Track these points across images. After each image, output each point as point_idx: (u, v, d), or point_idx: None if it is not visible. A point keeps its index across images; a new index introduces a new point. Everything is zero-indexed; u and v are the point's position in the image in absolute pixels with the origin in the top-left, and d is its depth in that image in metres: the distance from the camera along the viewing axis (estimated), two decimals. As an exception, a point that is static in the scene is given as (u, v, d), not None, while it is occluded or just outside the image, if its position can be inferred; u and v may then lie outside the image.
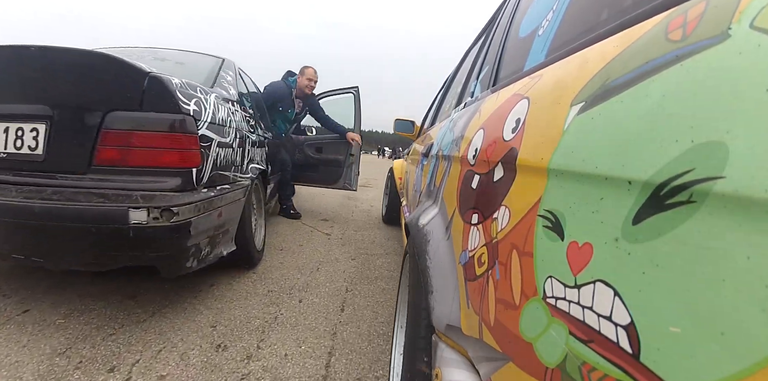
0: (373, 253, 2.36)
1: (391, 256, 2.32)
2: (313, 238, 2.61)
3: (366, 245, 2.55)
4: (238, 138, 1.57)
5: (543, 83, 0.46)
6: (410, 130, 2.89)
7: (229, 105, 1.57)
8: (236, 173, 1.53)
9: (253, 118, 2.01)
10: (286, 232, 2.71)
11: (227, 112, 1.49)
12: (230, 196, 1.42)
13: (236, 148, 1.54)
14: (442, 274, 0.63)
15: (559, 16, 0.56)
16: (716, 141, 0.20)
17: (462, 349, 0.52)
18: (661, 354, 0.22)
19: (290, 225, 2.94)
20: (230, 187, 1.43)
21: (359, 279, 1.89)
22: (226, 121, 1.44)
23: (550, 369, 0.31)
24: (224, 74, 1.87)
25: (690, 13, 0.26)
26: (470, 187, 0.60)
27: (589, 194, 0.30)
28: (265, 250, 2.16)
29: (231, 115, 1.53)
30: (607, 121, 0.30)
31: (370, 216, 3.71)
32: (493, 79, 0.83)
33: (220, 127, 1.37)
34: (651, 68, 0.27)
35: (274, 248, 2.29)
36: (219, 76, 1.79)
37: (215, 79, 1.73)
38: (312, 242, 2.49)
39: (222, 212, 1.34)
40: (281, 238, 2.53)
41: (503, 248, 0.43)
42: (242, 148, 1.64)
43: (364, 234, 2.87)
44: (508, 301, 0.40)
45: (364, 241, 2.67)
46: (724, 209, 0.19)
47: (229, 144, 1.44)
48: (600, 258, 0.27)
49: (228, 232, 1.48)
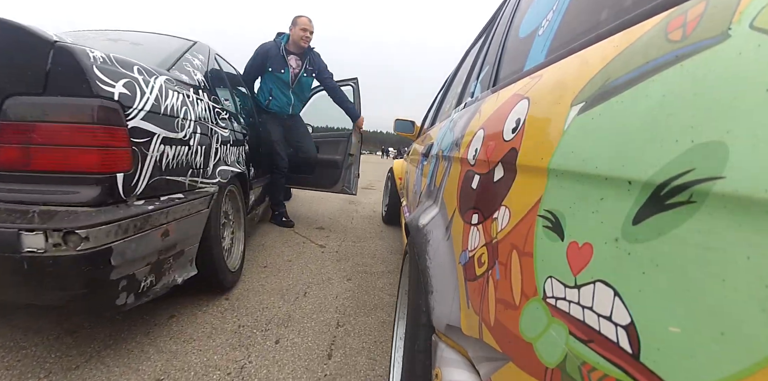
0: (373, 271, 2.00)
1: (394, 275, 1.98)
2: (304, 251, 2.26)
3: (365, 260, 2.19)
4: (198, 133, 1.24)
5: (543, 83, 0.46)
6: (410, 130, 2.88)
7: (189, 92, 1.26)
8: (195, 178, 1.23)
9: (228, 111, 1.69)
10: (275, 243, 2.36)
11: (183, 100, 1.17)
12: (184, 209, 1.12)
13: (195, 145, 1.21)
14: (442, 274, 0.63)
15: (559, 16, 0.56)
16: (716, 141, 0.20)
17: (462, 349, 0.52)
18: (661, 354, 0.22)
19: (281, 234, 2.57)
20: (184, 197, 1.13)
21: (354, 308, 1.54)
22: (178, 111, 1.11)
23: (550, 369, 0.31)
24: (190, 57, 1.55)
25: (690, 13, 0.26)
26: (470, 188, 0.60)
27: (589, 194, 0.30)
28: (246, 268, 1.84)
29: (189, 105, 1.20)
30: (607, 122, 0.30)
31: (372, 223, 3.30)
32: (493, 79, 0.83)
33: (169, 118, 1.06)
34: (651, 68, 0.27)
35: (256, 265, 1.93)
36: (182, 58, 1.48)
37: (176, 62, 1.41)
38: (303, 257, 2.15)
39: (170, 230, 1.05)
40: (267, 252, 2.17)
41: (503, 248, 0.43)
42: (205, 146, 1.31)
43: (364, 246, 2.49)
44: (508, 301, 0.40)
45: (364, 254, 2.29)
46: (724, 209, 0.19)
47: (182, 140, 1.12)
48: (600, 258, 0.27)
49: (183, 255, 1.17)
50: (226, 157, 1.56)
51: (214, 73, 1.77)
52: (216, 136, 1.44)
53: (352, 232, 2.86)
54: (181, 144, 1.12)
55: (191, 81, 1.39)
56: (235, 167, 1.64)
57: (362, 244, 2.53)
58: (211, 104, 1.47)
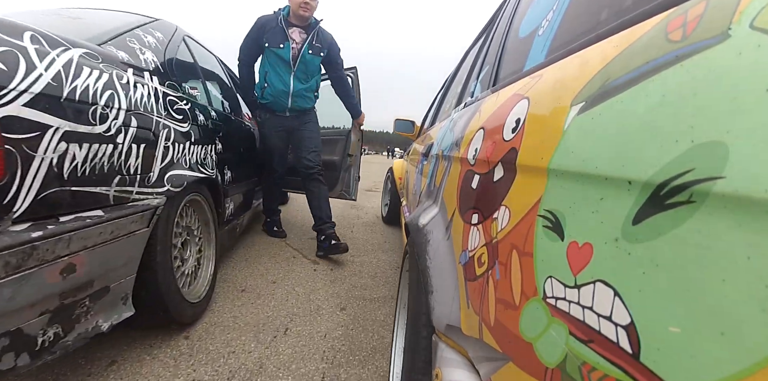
0: (372, 297, 1.63)
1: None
2: (293, 268, 1.90)
3: (364, 281, 1.81)
4: (133, 127, 0.94)
5: (543, 83, 0.46)
6: (410, 130, 2.88)
7: (126, 73, 0.97)
8: (127, 188, 0.92)
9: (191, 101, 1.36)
10: (260, 258, 2.02)
11: (109, 82, 0.89)
12: (104, 232, 0.84)
13: (126, 143, 0.91)
14: (442, 274, 0.63)
15: (559, 16, 0.56)
16: (716, 141, 0.20)
17: (462, 349, 0.52)
18: (661, 354, 0.22)
19: (269, 247, 2.22)
20: (105, 215, 0.84)
21: (347, 353, 1.19)
22: (97, 97, 0.83)
23: (550, 369, 0.31)
24: (141, 33, 1.24)
25: (690, 13, 0.26)
26: (470, 187, 0.60)
27: (589, 194, 0.30)
28: (219, 291, 1.54)
29: (118, 89, 0.91)
30: (607, 121, 0.30)
31: (374, 231, 2.89)
32: (493, 79, 0.83)
33: (78, 105, 0.78)
34: (651, 68, 0.27)
35: (233, 288, 1.60)
36: (129, 34, 1.18)
37: (116, 37, 1.11)
38: (291, 277, 1.78)
39: (78, 263, 0.78)
40: (250, 269, 1.82)
41: (503, 248, 0.43)
42: (146, 145, 0.99)
43: (364, 261, 2.12)
44: (508, 301, 0.40)
45: (363, 273, 1.93)
46: (724, 209, 0.19)
47: (103, 136, 0.84)
48: (600, 258, 0.27)
49: (108, 293, 0.89)
50: (184, 158, 1.21)
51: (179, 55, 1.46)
52: (166, 132, 1.10)
53: (351, 244, 2.42)
54: (100, 141, 0.83)
55: (134, 61, 1.08)
56: (198, 171, 1.29)
57: (362, 259, 2.15)
58: (163, 91, 1.14)
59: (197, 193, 1.34)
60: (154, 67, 1.19)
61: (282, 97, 2.02)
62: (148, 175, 1.01)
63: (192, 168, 1.26)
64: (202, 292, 1.37)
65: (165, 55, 1.34)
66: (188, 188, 1.22)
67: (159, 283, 1.05)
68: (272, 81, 2.00)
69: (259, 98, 2.09)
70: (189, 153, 1.26)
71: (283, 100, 2.03)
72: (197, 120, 1.37)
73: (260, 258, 2.03)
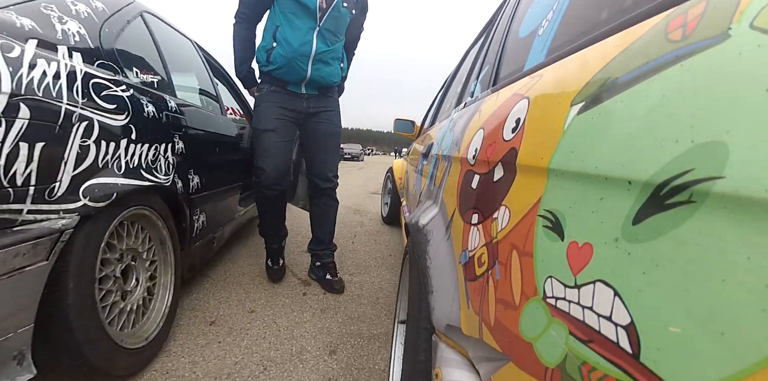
0: (371, 333, 1.30)
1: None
2: (279, 291, 1.58)
3: (362, 310, 1.47)
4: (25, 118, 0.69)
5: (543, 83, 0.46)
6: (410, 130, 2.88)
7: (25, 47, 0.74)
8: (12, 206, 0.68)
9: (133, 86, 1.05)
10: (242, 277, 1.70)
11: None
12: None
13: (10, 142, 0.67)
14: (442, 274, 0.63)
15: (559, 16, 0.56)
16: (716, 141, 0.20)
17: (462, 349, 0.52)
18: (661, 354, 0.22)
19: (255, 262, 1.90)
20: None
21: None
22: None
23: (550, 369, 0.31)
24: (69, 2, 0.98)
25: (690, 13, 0.26)
26: (470, 187, 0.60)
27: (589, 194, 0.30)
28: (184, 324, 1.25)
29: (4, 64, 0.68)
30: (607, 121, 0.30)
31: (377, 242, 2.49)
32: (493, 79, 0.83)
33: None
34: (651, 68, 0.27)
35: (201, 319, 1.29)
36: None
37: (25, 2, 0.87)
38: (273, 303, 1.47)
39: None
40: (226, 293, 1.51)
41: (503, 248, 0.43)
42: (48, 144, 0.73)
43: (365, 281, 1.78)
44: (508, 301, 0.40)
45: (362, 299, 1.58)
46: (724, 209, 0.19)
47: None
48: (600, 258, 0.27)
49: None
50: (117, 161, 0.92)
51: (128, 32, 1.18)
52: (86, 126, 0.83)
53: (351, 258, 2.09)
54: None
55: (43, 31, 0.83)
56: (142, 178, 0.99)
57: (362, 279, 1.80)
58: (86, 72, 0.88)
59: (143, 206, 1.04)
60: (78, 42, 0.93)
61: (299, 61, 1.38)
62: (49, 187, 0.74)
63: (130, 174, 0.95)
64: (153, 331, 1.07)
65: (102, 29, 1.05)
66: (125, 201, 0.94)
67: (74, 330, 0.79)
68: (287, 37, 1.36)
69: (263, 65, 1.44)
70: (126, 154, 0.96)
71: (301, 65, 1.39)
72: (143, 111, 1.04)
73: (241, 278, 1.70)
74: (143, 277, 1.10)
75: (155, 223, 1.13)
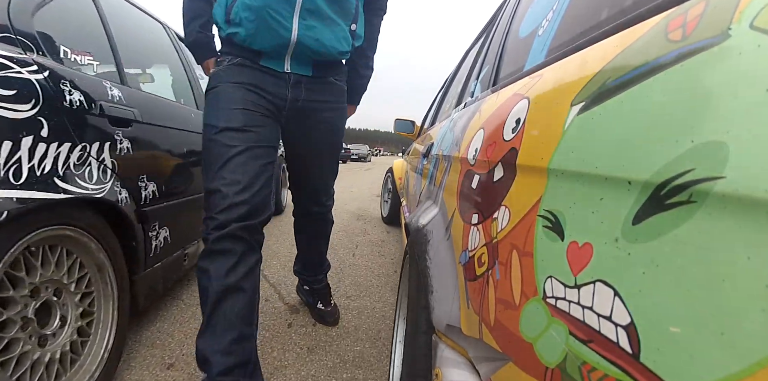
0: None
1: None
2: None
3: (360, 349, 1.18)
4: None
5: (543, 83, 0.46)
6: (410, 130, 2.89)
7: None
8: None
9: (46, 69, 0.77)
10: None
11: None
12: None
13: None
14: (442, 274, 0.63)
15: (559, 16, 0.56)
16: (716, 141, 0.20)
17: (462, 349, 0.52)
18: (661, 354, 0.22)
19: None
20: None
21: None
22: None
23: (550, 369, 0.31)
24: None
25: (690, 13, 0.26)
26: (470, 187, 0.60)
27: (589, 194, 0.30)
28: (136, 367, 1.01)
29: None
30: (607, 121, 0.30)
31: (382, 254, 2.17)
32: (493, 79, 0.83)
33: None
34: (651, 68, 0.27)
35: (158, 361, 1.05)
36: None
37: None
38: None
39: None
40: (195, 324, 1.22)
41: (503, 248, 0.43)
42: None
43: (364, 307, 1.49)
44: (508, 301, 0.40)
45: (359, 332, 1.29)
46: (724, 209, 0.19)
47: None
48: (600, 258, 0.27)
49: None
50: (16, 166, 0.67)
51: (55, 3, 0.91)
52: None
53: (350, 276, 1.79)
54: None
55: None
56: (55, 189, 0.74)
57: (361, 304, 1.51)
58: None
59: (63, 225, 0.79)
60: None
61: (275, 13, 0.85)
62: None
63: (35, 184, 0.70)
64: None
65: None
66: (29, 220, 0.70)
67: None
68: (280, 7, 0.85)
69: (222, 27, 0.93)
70: (31, 158, 0.70)
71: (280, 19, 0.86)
72: (61, 100, 0.79)
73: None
74: (72, 314, 0.84)
75: (86, 245, 0.87)
